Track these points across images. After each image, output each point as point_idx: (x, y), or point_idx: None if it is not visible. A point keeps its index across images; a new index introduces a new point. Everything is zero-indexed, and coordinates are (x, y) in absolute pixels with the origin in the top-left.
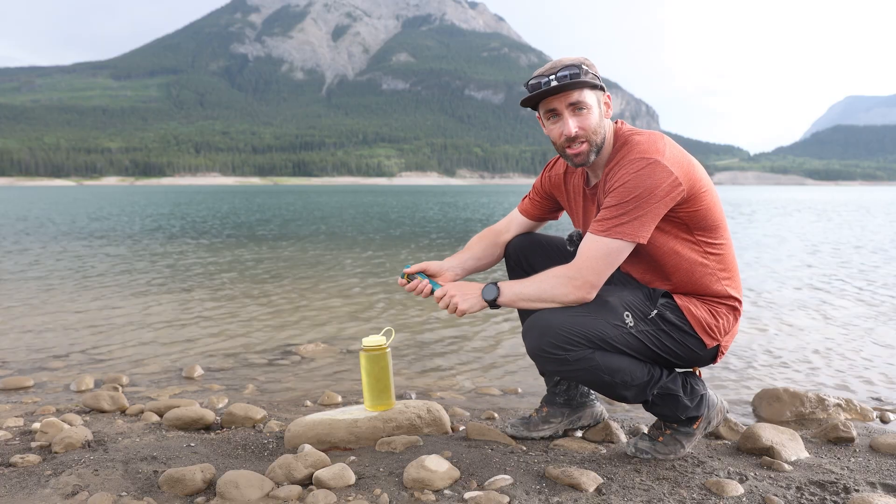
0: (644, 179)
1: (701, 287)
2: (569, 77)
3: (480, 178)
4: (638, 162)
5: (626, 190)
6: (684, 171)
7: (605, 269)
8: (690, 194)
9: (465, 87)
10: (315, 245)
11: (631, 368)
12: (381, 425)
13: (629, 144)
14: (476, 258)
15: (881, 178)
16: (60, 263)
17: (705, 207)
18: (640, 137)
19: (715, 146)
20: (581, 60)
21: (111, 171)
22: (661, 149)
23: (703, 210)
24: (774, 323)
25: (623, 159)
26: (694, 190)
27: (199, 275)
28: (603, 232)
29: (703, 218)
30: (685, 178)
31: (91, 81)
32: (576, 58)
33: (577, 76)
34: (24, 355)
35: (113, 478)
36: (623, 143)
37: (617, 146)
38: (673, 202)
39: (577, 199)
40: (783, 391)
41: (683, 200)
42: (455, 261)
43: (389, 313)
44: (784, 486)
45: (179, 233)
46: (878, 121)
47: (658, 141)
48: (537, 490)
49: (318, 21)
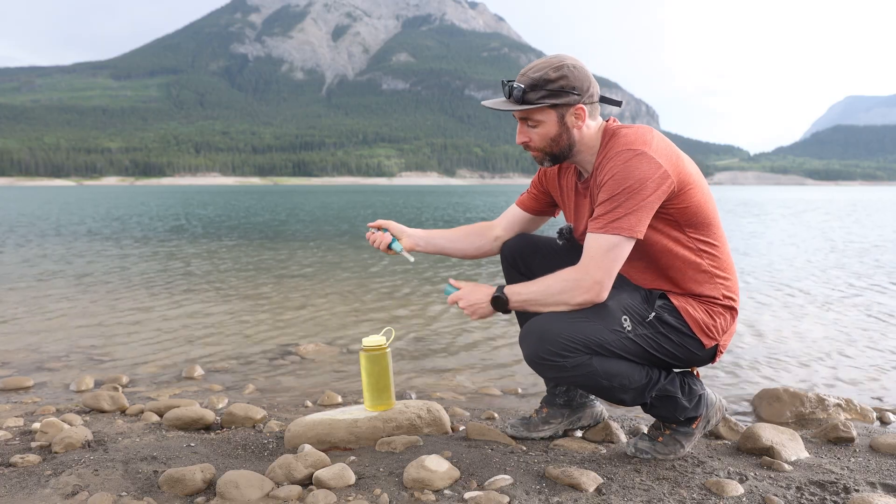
0: (633, 170)
1: (696, 287)
2: (520, 95)
3: (480, 178)
4: (625, 153)
5: (615, 182)
6: (672, 163)
7: (612, 266)
8: (680, 188)
9: (465, 87)
10: (315, 245)
11: (629, 372)
12: (381, 425)
13: (616, 137)
14: (448, 240)
15: (881, 178)
16: (60, 263)
17: (695, 204)
18: (627, 130)
19: (715, 146)
20: (553, 68)
21: (111, 171)
22: (648, 140)
23: (693, 206)
24: (774, 323)
25: (611, 151)
26: (683, 184)
27: (200, 275)
28: (601, 229)
29: (693, 214)
30: (673, 170)
31: (91, 81)
32: (552, 62)
33: (527, 94)
34: (24, 355)
35: (113, 478)
36: (611, 136)
37: (604, 141)
38: (664, 195)
39: (569, 193)
40: (783, 391)
41: (673, 195)
42: (422, 232)
43: (389, 313)
44: (784, 486)
45: (180, 233)
46: (878, 121)
47: (646, 133)
48: (537, 490)
49: (318, 21)
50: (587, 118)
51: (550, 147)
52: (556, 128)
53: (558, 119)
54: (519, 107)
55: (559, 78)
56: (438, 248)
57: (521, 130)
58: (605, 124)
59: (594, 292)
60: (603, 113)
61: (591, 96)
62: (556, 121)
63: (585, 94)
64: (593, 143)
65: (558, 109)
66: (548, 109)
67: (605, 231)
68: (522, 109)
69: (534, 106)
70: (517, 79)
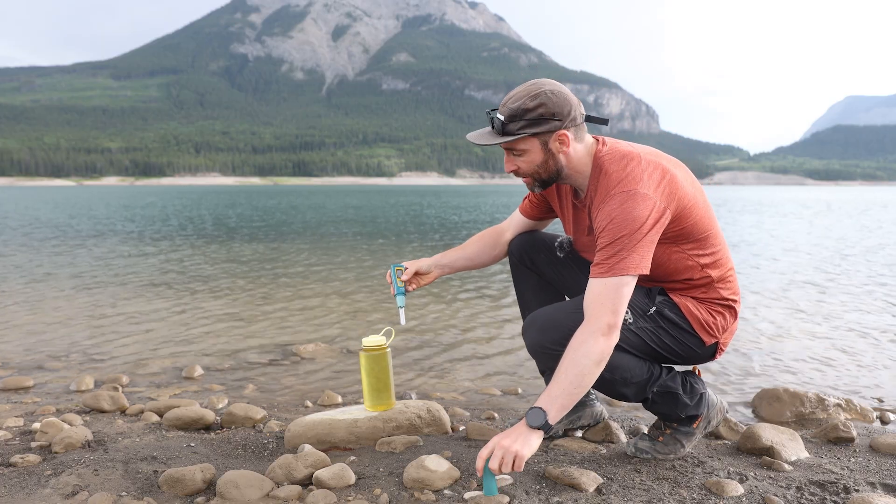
0: (630, 212)
1: (695, 290)
2: (500, 127)
3: (480, 178)
4: (620, 196)
5: (615, 227)
6: (666, 193)
7: (619, 306)
8: (676, 214)
9: (465, 87)
10: (316, 245)
11: (630, 366)
12: (381, 425)
13: (607, 176)
14: (468, 258)
15: (881, 178)
16: (61, 263)
17: (692, 223)
18: (612, 167)
19: (715, 146)
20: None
21: (111, 171)
22: (639, 176)
23: (689, 226)
24: (775, 322)
25: (603, 188)
26: (680, 208)
27: (200, 274)
28: (606, 273)
29: (690, 233)
30: (668, 199)
31: (91, 81)
32: (530, 91)
33: (507, 126)
34: (24, 355)
35: (113, 478)
36: (600, 170)
37: (595, 172)
38: (663, 226)
39: (567, 206)
40: (783, 391)
41: (671, 221)
42: (445, 258)
43: (389, 313)
44: (784, 486)
45: (181, 233)
46: (878, 121)
47: (634, 168)
48: (537, 490)
49: (318, 21)
50: (572, 142)
51: (538, 173)
52: (540, 155)
53: (542, 146)
54: (500, 139)
55: (537, 106)
56: (460, 268)
57: (507, 160)
58: (596, 148)
59: (608, 336)
60: (604, 114)
61: (574, 119)
62: (539, 148)
63: (567, 118)
64: (583, 167)
65: (540, 137)
66: (529, 138)
67: (612, 274)
68: (504, 142)
69: (514, 137)
70: (499, 109)
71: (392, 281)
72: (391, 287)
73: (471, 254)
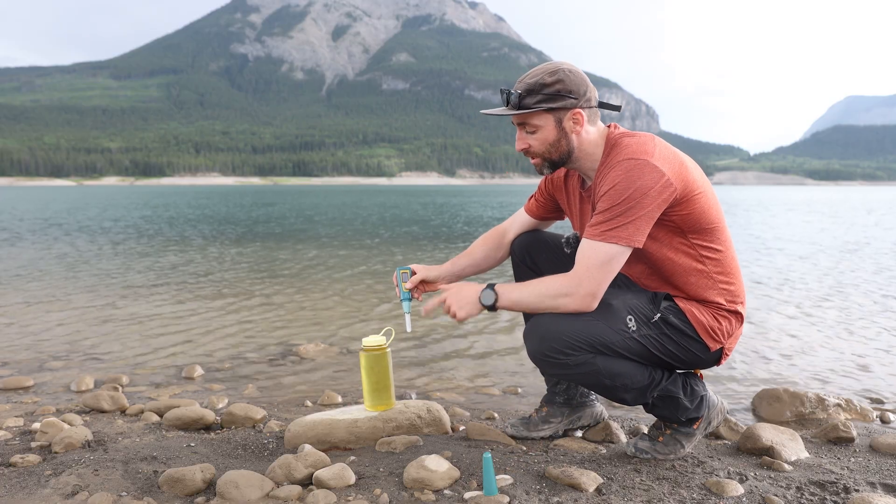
0: (634, 180)
1: (700, 293)
2: (517, 100)
3: (480, 178)
4: (627, 163)
5: (616, 192)
6: (675, 171)
7: (605, 278)
8: (683, 195)
9: (465, 87)
10: (315, 245)
11: (632, 372)
12: (381, 425)
13: (618, 147)
14: (476, 264)
15: (881, 178)
16: (61, 263)
17: (699, 210)
18: (629, 139)
19: (715, 146)
20: (548, 73)
21: (111, 171)
22: (651, 149)
23: (696, 213)
24: (775, 323)
25: (612, 161)
26: (687, 191)
27: (200, 274)
28: (598, 236)
29: (696, 220)
30: (676, 177)
31: (91, 81)
32: (548, 68)
33: (524, 100)
34: (24, 355)
35: (113, 478)
36: (613, 145)
37: (607, 150)
38: (666, 203)
39: (574, 200)
40: (783, 391)
41: (676, 202)
42: (454, 267)
43: (389, 313)
44: (784, 486)
45: (181, 233)
46: (878, 121)
47: (648, 142)
48: (537, 490)
49: (318, 21)
50: (586, 123)
51: (549, 153)
52: (554, 132)
53: (556, 123)
54: (516, 111)
55: (555, 82)
56: (469, 275)
57: (520, 137)
58: (608, 132)
59: (585, 304)
60: (603, 117)
61: (589, 101)
62: (553, 125)
63: (582, 98)
64: (594, 150)
65: (555, 114)
66: (545, 114)
67: (603, 239)
68: (519, 114)
69: (530, 110)
70: (515, 85)
71: (397, 284)
72: (396, 290)
73: (478, 259)
